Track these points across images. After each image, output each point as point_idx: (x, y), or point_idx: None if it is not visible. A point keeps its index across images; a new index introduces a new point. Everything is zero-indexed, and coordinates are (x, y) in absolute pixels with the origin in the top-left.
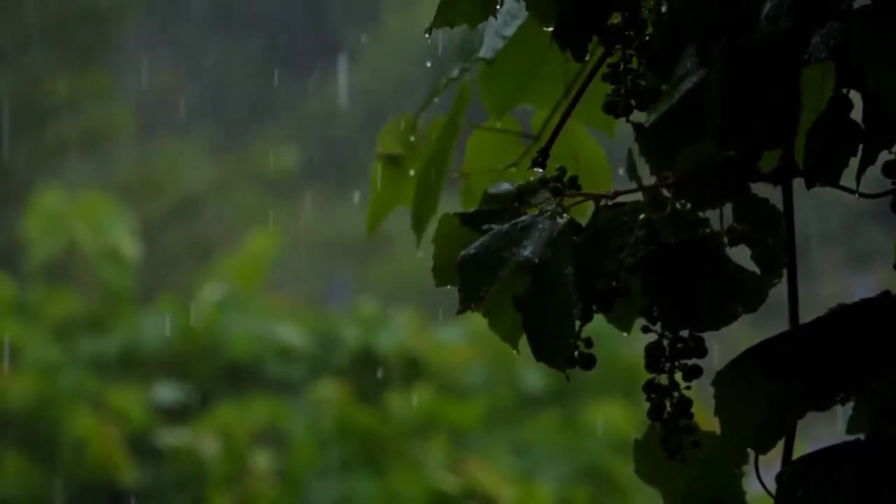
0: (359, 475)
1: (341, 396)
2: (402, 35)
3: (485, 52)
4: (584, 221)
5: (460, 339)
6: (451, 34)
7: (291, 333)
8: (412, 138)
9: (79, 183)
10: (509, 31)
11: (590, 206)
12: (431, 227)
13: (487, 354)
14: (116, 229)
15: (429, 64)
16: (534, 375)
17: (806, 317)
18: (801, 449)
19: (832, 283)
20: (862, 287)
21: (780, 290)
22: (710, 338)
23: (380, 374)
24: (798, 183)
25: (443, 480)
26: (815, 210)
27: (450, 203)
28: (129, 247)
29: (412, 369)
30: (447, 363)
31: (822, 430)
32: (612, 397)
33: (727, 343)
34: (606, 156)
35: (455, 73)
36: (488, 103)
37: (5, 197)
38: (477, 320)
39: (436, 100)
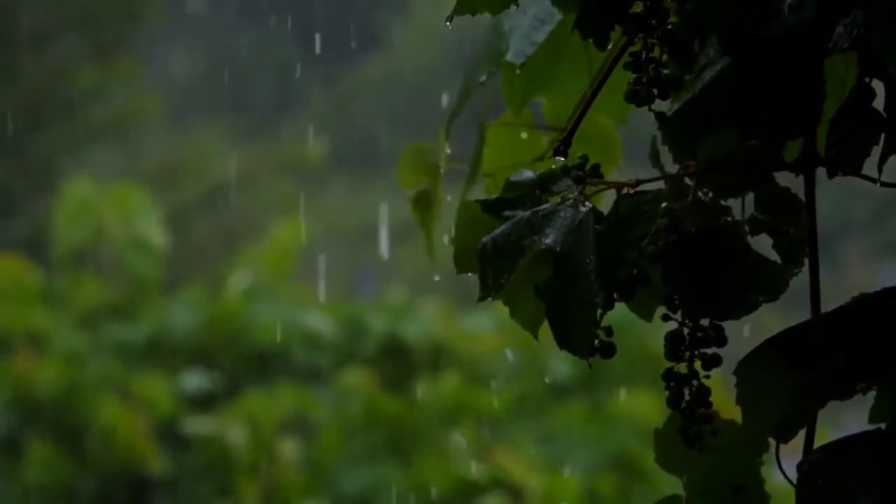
0: (385, 463)
1: (368, 385)
2: (430, 23)
3: (514, 56)
4: (605, 209)
5: (487, 328)
6: (477, 23)
7: (319, 322)
8: (447, 150)
9: (107, 172)
10: (539, 37)
11: (611, 194)
12: (452, 219)
13: (514, 343)
14: (144, 218)
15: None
16: (561, 364)
17: (833, 306)
18: (828, 437)
19: (860, 271)
20: (890, 276)
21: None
22: (739, 323)
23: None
24: (823, 172)
25: (469, 469)
26: (843, 199)
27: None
28: (157, 235)
29: (439, 357)
30: (474, 352)
31: (851, 419)
32: (639, 386)
33: (755, 330)
34: (625, 144)
35: (483, 77)
36: (510, 97)
37: (34, 185)
38: (504, 309)
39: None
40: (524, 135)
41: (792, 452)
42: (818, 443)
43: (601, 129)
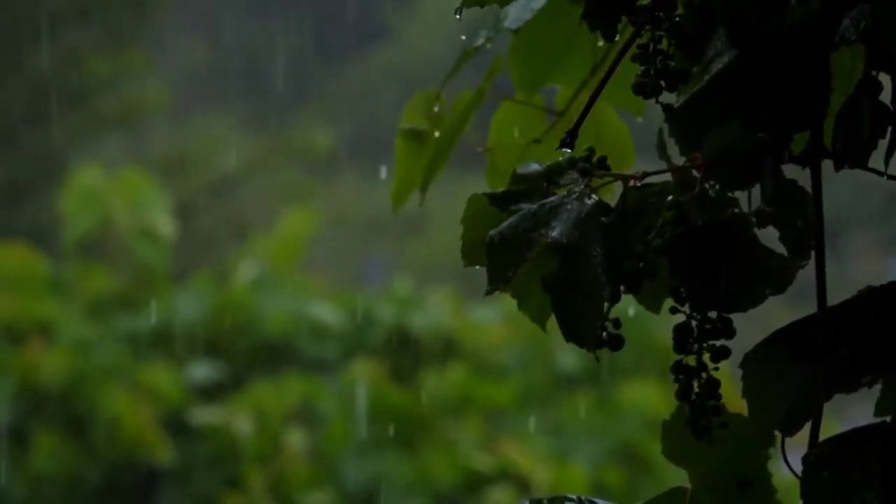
0: (392, 454)
1: (375, 376)
2: (439, 14)
3: (511, 22)
4: (612, 201)
5: (495, 319)
6: (485, 13)
7: (326, 312)
8: (436, 108)
9: (116, 160)
10: (538, 3)
11: (618, 187)
12: (459, 208)
13: (522, 334)
14: (152, 207)
15: (463, 37)
16: (568, 356)
17: (840, 299)
18: (835, 430)
19: (868, 264)
20: None
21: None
22: (745, 316)
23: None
24: (830, 165)
25: (476, 460)
26: (852, 192)
27: (474, 182)
28: (165, 224)
29: (446, 349)
30: (481, 343)
31: (857, 411)
32: (646, 378)
33: (763, 323)
34: (632, 135)
35: (480, 41)
36: (518, 80)
37: (43, 175)
38: (511, 300)
39: (461, 69)
40: (529, 117)
41: (798, 445)
42: (824, 435)
43: (613, 130)
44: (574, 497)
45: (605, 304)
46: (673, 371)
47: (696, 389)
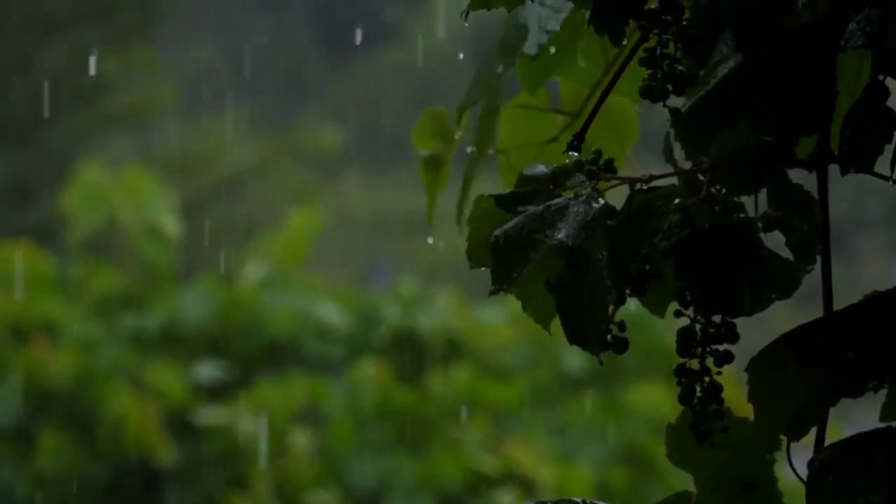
0: (398, 455)
1: (381, 376)
2: (446, 14)
3: (529, 47)
4: (617, 203)
5: (501, 320)
6: (493, 16)
7: (332, 312)
8: (457, 136)
9: (122, 159)
10: (552, 25)
11: (624, 189)
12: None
13: (528, 335)
14: (158, 206)
15: (461, 55)
16: (574, 356)
17: (847, 302)
18: (840, 434)
19: (873, 268)
20: None
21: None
22: (751, 320)
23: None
24: (836, 169)
25: (482, 461)
26: (857, 196)
27: (481, 182)
28: (171, 223)
29: (452, 349)
30: (487, 344)
31: (863, 415)
32: (652, 380)
33: (769, 327)
34: (638, 139)
35: (499, 69)
36: (524, 79)
37: (50, 173)
38: (517, 301)
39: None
40: (538, 115)
41: (803, 450)
42: (830, 440)
43: (618, 107)
44: (579, 500)
45: (610, 307)
46: (676, 375)
47: (699, 393)
